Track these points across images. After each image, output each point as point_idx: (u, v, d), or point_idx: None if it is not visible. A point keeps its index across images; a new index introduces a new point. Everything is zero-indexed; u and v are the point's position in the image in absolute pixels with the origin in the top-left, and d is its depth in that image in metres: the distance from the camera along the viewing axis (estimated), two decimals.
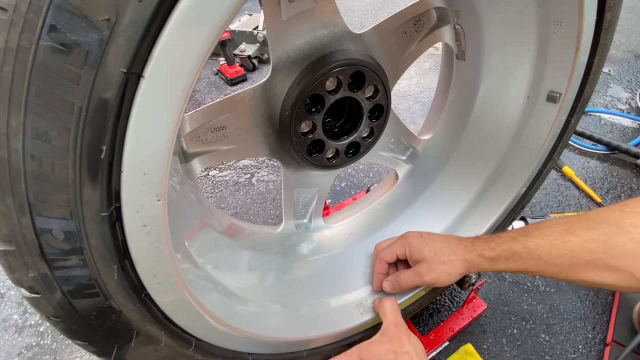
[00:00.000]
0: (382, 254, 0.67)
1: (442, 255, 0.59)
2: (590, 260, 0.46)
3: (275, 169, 1.32)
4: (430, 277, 0.60)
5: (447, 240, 0.61)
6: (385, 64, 0.59)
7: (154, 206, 0.35)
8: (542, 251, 0.50)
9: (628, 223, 0.44)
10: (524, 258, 0.52)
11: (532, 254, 0.51)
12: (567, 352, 0.81)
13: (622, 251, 0.44)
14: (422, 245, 0.61)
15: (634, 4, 2.35)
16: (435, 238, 0.62)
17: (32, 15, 0.25)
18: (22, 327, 0.90)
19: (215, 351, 0.52)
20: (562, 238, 0.49)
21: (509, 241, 0.55)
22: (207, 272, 0.56)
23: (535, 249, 0.51)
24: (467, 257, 0.58)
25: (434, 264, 0.59)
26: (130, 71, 0.28)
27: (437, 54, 1.92)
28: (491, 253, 0.56)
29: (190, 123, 0.53)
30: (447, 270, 0.59)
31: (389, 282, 0.66)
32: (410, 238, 0.64)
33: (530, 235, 0.52)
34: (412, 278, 0.63)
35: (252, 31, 1.77)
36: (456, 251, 0.59)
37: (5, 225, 0.31)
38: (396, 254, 0.65)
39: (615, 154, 1.32)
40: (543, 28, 0.59)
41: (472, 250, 0.58)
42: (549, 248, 0.50)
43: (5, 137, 0.28)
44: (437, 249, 0.60)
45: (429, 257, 0.60)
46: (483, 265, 0.58)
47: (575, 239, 0.48)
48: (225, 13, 0.30)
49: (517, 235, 0.54)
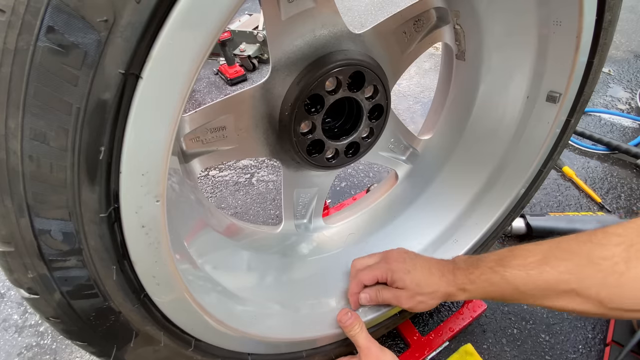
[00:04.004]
0: (362, 276, 0.66)
1: (423, 287, 0.61)
2: (564, 290, 0.49)
3: (275, 169, 1.32)
4: (409, 305, 0.62)
5: (430, 271, 0.62)
6: (385, 64, 0.59)
7: (152, 207, 0.35)
8: (519, 282, 0.53)
9: (597, 255, 0.47)
10: (502, 289, 0.55)
11: (510, 284, 0.54)
12: (567, 352, 0.81)
13: (592, 282, 0.47)
14: (404, 274, 0.62)
15: (634, 4, 2.35)
16: (417, 265, 0.63)
17: (29, 16, 0.25)
18: (22, 327, 0.90)
19: (215, 352, 0.52)
20: (537, 269, 0.52)
21: (488, 272, 0.57)
22: (207, 273, 0.56)
23: (512, 279, 0.54)
24: (448, 290, 0.61)
25: (414, 294, 0.61)
26: (129, 72, 0.28)
27: (437, 54, 1.92)
28: (471, 286, 0.59)
29: (189, 123, 0.53)
30: (426, 301, 0.62)
31: (368, 295, 0.66)
32: (393, 264, 0.64)
33: (507, 266, 0.55)
34: (390, 300, 0.64)
35: (252, 31, 1.77)
36: (438, 283, 0.61)
37: (4, 227, 0.31)
38: (377, 278, 0.65)
39: (615, 154, 1.31)
40: (543, 28, 0.59)
41: (454, 283, 0.60)
42: (526, 279, 0.52)
43: (3, 139, 0.28)
44: (420, 280, 0.62)
45: (411, 287, 0.61)
46: (462, 296, 0.61)
47: (550, 270, 0.50)
48: (223, 14, 0.30)
49: (494, 265, 0.56)
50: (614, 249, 0.46)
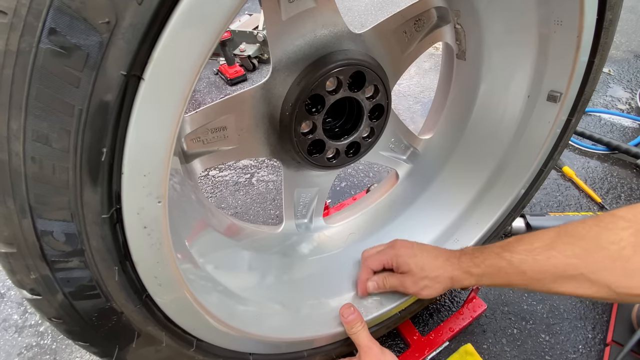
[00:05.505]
0: (369, 261, 0.67)
1: (428, 271, 0.61)
2: (572, 275, 0.49)
3: (275, 169, 1.32)
4: (414, 289, 0.62)
5: (435, 255, 0.62)
6: (385, 64, 0.59)
7: (154, 208, 0.35)
8: (526, 267, 0.52)
9: (605, 239, 0.46)
10: (509, 274, 0.55)
11: (517, 269, 0.53)
12: (567, 352, 0.81)
13: (601, 266, 0.47)
14: (410, 258, 0.62)
15: (634, 4, 2.35)
16: (424, 251, 0.63)
17: (31, 18, 0.25)
18: (22, 327, 0.90)
19: (216, 352, 0.52)
20: (544, 254, 0.51)
21: (493, 257, 0.56)
22: (208, 273, 0.56)
23: (519, 264, 0.53)
24: (453, 274, 0.60)
25: (418, 278, 0.61)
26: (130, 74, 0.28)
27: (437, 54, 1.91)
28: (477, 270, 0.58)
29: (190, 124, 0.53)
30: (431, 285, 0.61)
31: (374, 282, 0.67)
32: (399, 249, 0.65)
33: (514, 251, 0.54)
34: (396, 286, 0.64)
35: (252, 31, 1.76)
36: (443, 266, 0.61)
37: (6, 228, 0.31)
38: (383, 264, 0.66)
39: (615, 154, 1.31)
40: (543, 27, 0.59)
41: (459, 267, 0.60)
42: (533, 263, 0.52)
43: (5, 140, 0.28)
44: (424, 263, 0.61)
45: (415, 271, 0.61)
46: (468, 280, 0.60)
47: (558, 255, 0.50)
48: (224, 15, 0.30)
49: (501, 251, 0.56)
50: (622, 233, 0.45)
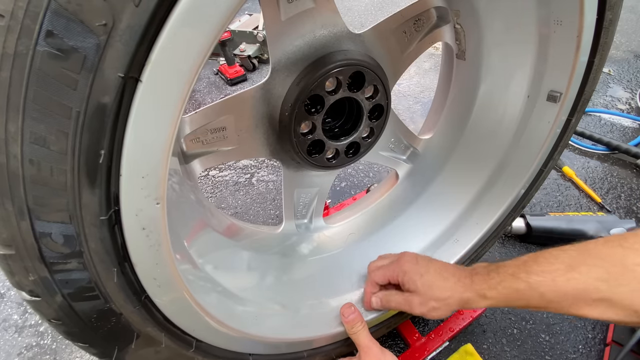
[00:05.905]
0: (374, 275, 0.65)
1: (436, 291, 0.57)
2: (595, 298, 0.46)
3: (275, 169, 1.32)
4: (421, 310, 0.58)
5: (444, 275, 0.58)
6: (385, 64, 0.59)
7: (153, 209, 0.35)
8: (545, 289, 0.49)
9: (631, 262, 0.44)
10: (527, 296, 0.51)
11: (535, 291, 0.50)
12: (567, 352, 0.81)
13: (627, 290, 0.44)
14: (417, 276, 0.59)
15: (634, 4, 2.34)
16: (431, 269, 0.59)
17: (28, 21, 0.25)
18: (22, 327, 0.90)
19: (216, 352, 0.52)
20: (565, 276, 0.48)
21: (509, 278, 0.52)
22: (207, 273, 0.56)
23: (537, 286, 0.50)
24: (464, 296, 0.56)
25: (426, 299, 0.58)
26: (128, 75, 0.28)
27: (437, 54, 1.91)
28: (492, 292, 0.54)
29: (190, 124, 0.53)
30: (440, 307, 0.57)
31: (379, 299, 0.64)
32: (405, 265, 0.61)
33: (531, 272, 0.51)
34: (401, 305, 0.61)
35: (252, 31, 1.76)
36: (454, 288, 0.56)
37: (4, 230, 0.31)
38: (388, 279, 0.64)
39: (615, 154, 1.31)
40: (543, 27, 0.59)
41: (471, 289, 0.56)
42: (552, 286, 0.48)
43: (3, 143, 0.28)
44: (432, 283, 0.58)
45: (422, 291, 0.58)
46: (481, 303, 0.56)
47: (580, 277, 0.47)
48: (222, 17, 0.30)
49: (517, 272, 0.52)
50: None
